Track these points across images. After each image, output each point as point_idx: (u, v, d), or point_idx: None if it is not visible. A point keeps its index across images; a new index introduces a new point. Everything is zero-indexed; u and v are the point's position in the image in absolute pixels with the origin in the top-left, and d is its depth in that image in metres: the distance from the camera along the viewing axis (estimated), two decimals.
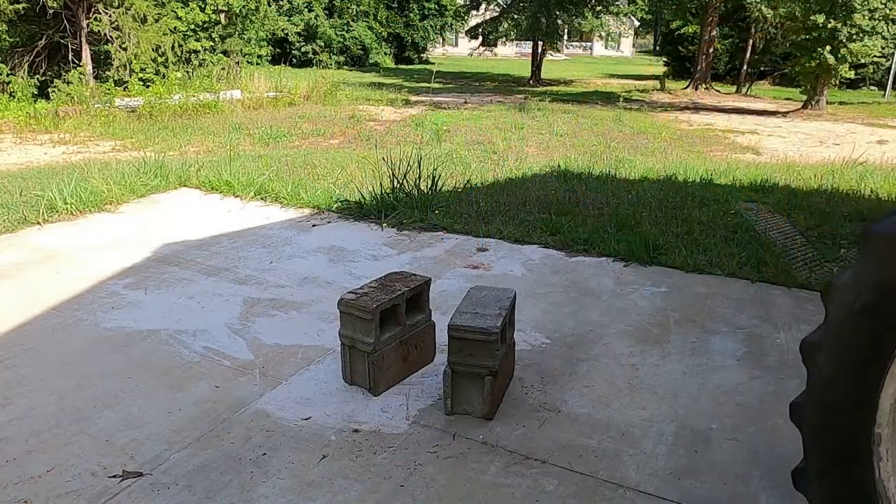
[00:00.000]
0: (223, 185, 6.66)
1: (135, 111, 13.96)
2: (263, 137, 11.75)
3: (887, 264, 1.59)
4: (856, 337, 1.67)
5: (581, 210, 6.10)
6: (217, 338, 3.54)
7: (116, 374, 3.14)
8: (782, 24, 21.84)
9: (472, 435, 2.70)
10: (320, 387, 3.06)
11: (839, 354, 1.70)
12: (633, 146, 11.77)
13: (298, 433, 2.70)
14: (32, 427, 2.71)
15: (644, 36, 68.69)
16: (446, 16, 41.13)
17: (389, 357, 3.01)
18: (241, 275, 4.44)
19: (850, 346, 1.69)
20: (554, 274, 4.56)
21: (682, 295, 4.21)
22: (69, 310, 3.85)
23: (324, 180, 7.33)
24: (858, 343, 1.66)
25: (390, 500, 2.31)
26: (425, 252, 4.97)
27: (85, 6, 15.71)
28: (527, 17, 27.62)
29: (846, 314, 1.68)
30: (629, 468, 2.51)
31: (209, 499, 2.31)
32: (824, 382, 1.76)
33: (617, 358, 3.38)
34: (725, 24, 29.69)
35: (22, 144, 11.04)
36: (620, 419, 2.83)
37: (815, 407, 1.77)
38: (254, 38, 22.85)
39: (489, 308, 2.88)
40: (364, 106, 17.06)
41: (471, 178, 7.70)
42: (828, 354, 1.72)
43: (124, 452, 2.55)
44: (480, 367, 2.73)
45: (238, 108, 15.41)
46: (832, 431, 1.74)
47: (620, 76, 34.38)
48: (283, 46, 33.76)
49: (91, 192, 6.01)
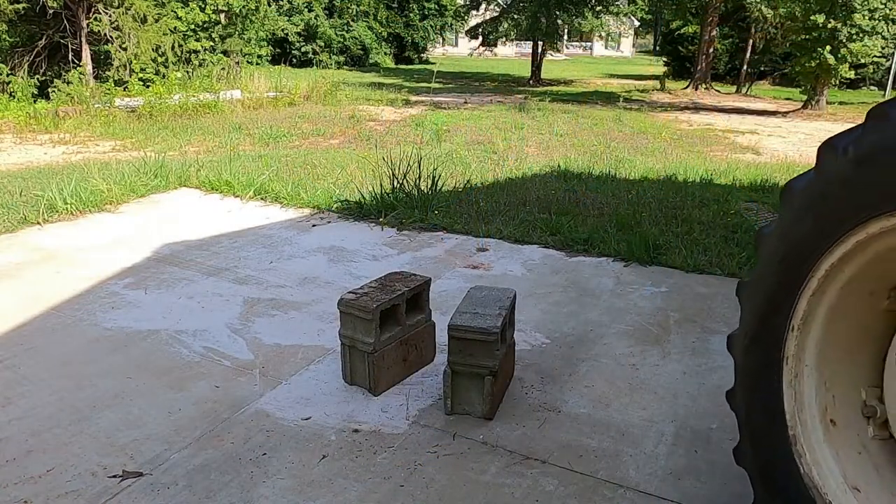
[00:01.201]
0: (223, 185, 6.66)
1: (135, 111, 13.95)
2: (263, 137, 11.74)
3: (799, 217, 1.81)
4: (774, 281, 1.91)
5: (581, 210, 6.10)
6: (217, 338, 3.54)
7: (116, 374, 3.14)
8: (782, 24, 21.86)
9: (472, 435, 2.70)
10: (320, 387, 3.06)
11: (762, 296, 1.93)
12: (633, 146, 11.77)
13: (298, 433, 2.70)
14: (32, 427, 2.71)
15: (644, 36, 68.68)
16: (446, 16, 41.12)
17: (389, 357, 3.01)
18: (241, 275, 4.44)
19: (769, 289, 1.93)
20: (554, 274, 4.56)
21: (682, 295, 4.21)
22: (69, 310, 3.85)
23: (324, 180, 7.33)
24: (776, 287, 1.90)
25: (390, 500, 2.31)
26: (425, 252, 4.97)
27: (85, 6, 15.71)
28: (527, 17, 27.61)
29: (768, 261, 1.94)
30: (629, 468, 2.51)
31: (209, 499, 2.31)
32: (749, 317, 2.02)
33: (617, 358, 3.38)
34: (725, 24, 29.67)
35: (22, 144, 11.04)
36: (620, 419, 2.83)
37: (744, 337, 2.01)
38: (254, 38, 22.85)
39: (489, 308, 2.88)
40: (364, 106, 17.06)
41: (471, 178, 7.70)
42: (754, 295, 1.94)
43: (124, 452, 2.55)
44: (480, 367, 2.73)
45: (238, 108, 15.40)
46: (753, 355, 1.99)
47: (620, 76, 34.38)
48: (283, 46, 33.75)
49: (91, 192, 6.02)
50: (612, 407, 2.93)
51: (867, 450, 1.81)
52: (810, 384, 1.88)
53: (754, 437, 2.02)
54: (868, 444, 1.82)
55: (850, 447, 1.82)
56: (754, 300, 2.03)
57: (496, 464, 2.52)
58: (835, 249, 1.76)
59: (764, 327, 1.98)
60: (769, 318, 1.95)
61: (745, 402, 2.06)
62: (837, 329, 1.87)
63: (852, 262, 1.77)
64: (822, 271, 1.80)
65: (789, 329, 1.89)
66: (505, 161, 9.39)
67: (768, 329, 1.95)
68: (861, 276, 1.79)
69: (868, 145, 1.65)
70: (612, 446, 2.64)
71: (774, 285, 1.93)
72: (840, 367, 1.88)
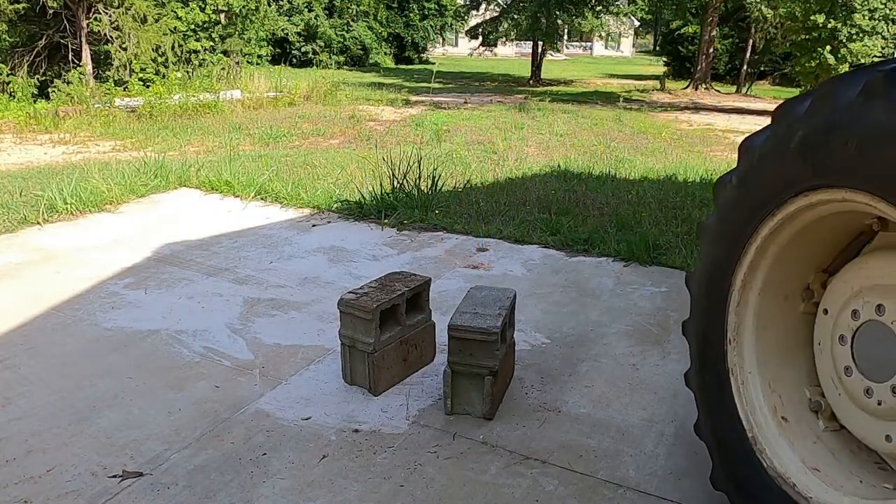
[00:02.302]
0: (223, 185, 6.66)
1: (135, 111, 13.94)
2: (263, 137, 11.74)
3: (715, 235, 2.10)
4: (704, 307, 2.21)
5: (581, 210, 6.10)
6: (217, 338, 3.54)
7: (116, 374, 3.14)
8: (782, 24, 21.85)
9: (472, 435, 2.70)
10: (320, 387, 3.06)
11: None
12: (633, 146, 11.77)
13: (298, 433, 2.70)
14: (32, 427, 2.71)
15: (644, 36, 68.68)
16: (446, 16, 41.11)
17: (389, 357, 3.01)
18: (241, 275, 4.44)
19: (702, 315, 2.22)
20: (554, 274, 4.56)
21: (682, 295, 4.19)
22: (69, 310, 3.85)
23: (324, 180, 7.33)
24: (708, 310, 2.17)
25: (390, 500, 2.31)
26: (425, 252, 4.97)
27: (85, 6, 15.71)
28: (527, 17, 27.59)
29: (696, 299, 2.26)
30: (629, 468, 2.51)
31: (209, 499, 2.31)
32: (693, 350, 2.29)
33: (617, 358, 3.38)
34: (725, 24, 29.67)
35: (22, 144, 11.04)
36: (620, 419, 2.83)
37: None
38: (254, 38, 22.84)
39: (489, 308, 2.88)
40: (364, 106, 17.05)
41: (471, 178, 7.70)
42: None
43: (124, 452, 2.55)
44: (480, 367, 2.73)
45: (238, 108, 15.39)
46: (707, 376, 2.20)
47: (620, 76, 34.36)
48: (283, 46, 33.73)
49: (91, 192, 6.01)
50: (612, 407, 2.93)
51: (821, 440, 1.96)
52: (756, 388, 2.04)
53: (720, 448, 2.16)
54: (821, 435, 1.97)
55: (804, 438, 1.97)
56: (693, 334, 2.29)
57: (496, 464, 2.52)
58: (743, 260, 1.98)
59: (707, 349, 2.19)
60: (709, 339, 2.16)
61: (708, 419, 2.23)
62: (768, 336, 2.05)
63: (759, 269, 1.98)
64: (738, 282, 2.01)
65: (727, 343, 2.08)
66: (505, 161, 9.39)
67: (711, 349, 2.15)
68: (771, 282, 2.00)
69: (773, 143, 1.82)
70: (613, 446, 2.64)
71: (705, 310, 2.19)
72: (780, 370, 2.05)
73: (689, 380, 2.38)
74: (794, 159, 1.74)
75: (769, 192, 1.83)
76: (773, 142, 1.84)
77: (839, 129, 1.60)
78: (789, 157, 1.76)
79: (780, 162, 1.80)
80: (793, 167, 1.75)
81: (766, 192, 1.84)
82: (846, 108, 1.59)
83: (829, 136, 1.63)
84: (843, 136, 1.59)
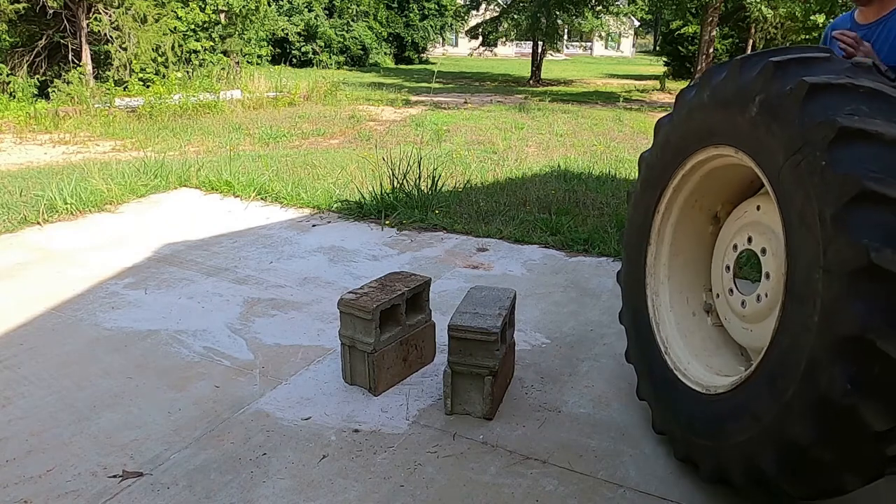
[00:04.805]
0: (223, 185, 6.66)
1: (135, 111, 13.95)
2: (263, 137, 11.75)
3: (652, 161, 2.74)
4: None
5: (581, 210, 6.11)
6: (217, 338, 3.54)
7: (116, 374, 3.14)
8: (782, 24, 21.86)
9: (472, 435, 2.70)
10: (320, 387, 3.06)
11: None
12: (634, 146, 11.77)
13: (298, 433, 2.70)
14: (32, 427, 2.71)
15: (644, 36, 68.68)
16: (446, 16, 41.12)
17: (389, 357, 3.01)
18: (242, 275, 4.44)
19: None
20: (554, 274, 4.56)
21: None
22: (69, 310, 3.85)
23: (324, 180, 7.33)
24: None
25: (390, 500, 2.31)
26: (425, 252, 4.97)
27: (85, 6, 15.72)
28: (527, 17, 27.59)
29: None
30: (629, 468, 2.51)
31: (209, 499, 2.31)
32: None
33: (617, 358, 3.37)
34: (725, 24, 29.66)
35: (22, 144, 11.04)
36: (620, 419, 2.83)
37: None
38: (254, 38, 22.86)
39: (489, 308, 2.88)
40: (364, 106, 17.06)
41: (471, 178, 7.70)
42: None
43: (124, 452, 2.55)
44: (480, 367, 2.73)
45: (238, 108, 15.39)
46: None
47: (620, 76, 34.36)
48: (283, 46, 33.73)
49: (91, 192, 6.01)
50: (612, 407, 2.93)
51: (709, 335, 2.64)
52: (665, 295, 2.71)
53: (640, 361, 2.74)
54: (710, 331, 2.65)
55: (700, 333, 2.65)
56: (623, 278, 2.92)
57: (496, 464, 2.52)
58: (660, 203, 2.64)
59: (631, 284, 2.82)
60: (634, 276, 2.79)
61: (632, 341, 2.83)
62: (678, 260, 2.71)
63: (673, 208, 2.64)
64: (657, 222, 2.69)
65: (646, 273, 2.73)
66: (505, 161, 9.39)
67: (635, 283, 2.78)
68: (682, 218, 2.65)
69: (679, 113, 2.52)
70: (613, 446, 2.64)
71: (631, 253, 2.83)
72: (685, 278, 2.73)
73: (621, 317, 2.96)
74: (688, 128, 2.46)
75: (678, 150, 2.51)
76: (675, 118, 2.55)
77: (708, 104, 2.28)
78: (684, 128, 2.48)
79: (679, 131, 2.52)
80: (688, 134, 2.46)
81: (676, 150, 2.52)
82: (716, 88, 2.23)
83: (703, 111, 2.32)
84: (709, 110, 2.27)
